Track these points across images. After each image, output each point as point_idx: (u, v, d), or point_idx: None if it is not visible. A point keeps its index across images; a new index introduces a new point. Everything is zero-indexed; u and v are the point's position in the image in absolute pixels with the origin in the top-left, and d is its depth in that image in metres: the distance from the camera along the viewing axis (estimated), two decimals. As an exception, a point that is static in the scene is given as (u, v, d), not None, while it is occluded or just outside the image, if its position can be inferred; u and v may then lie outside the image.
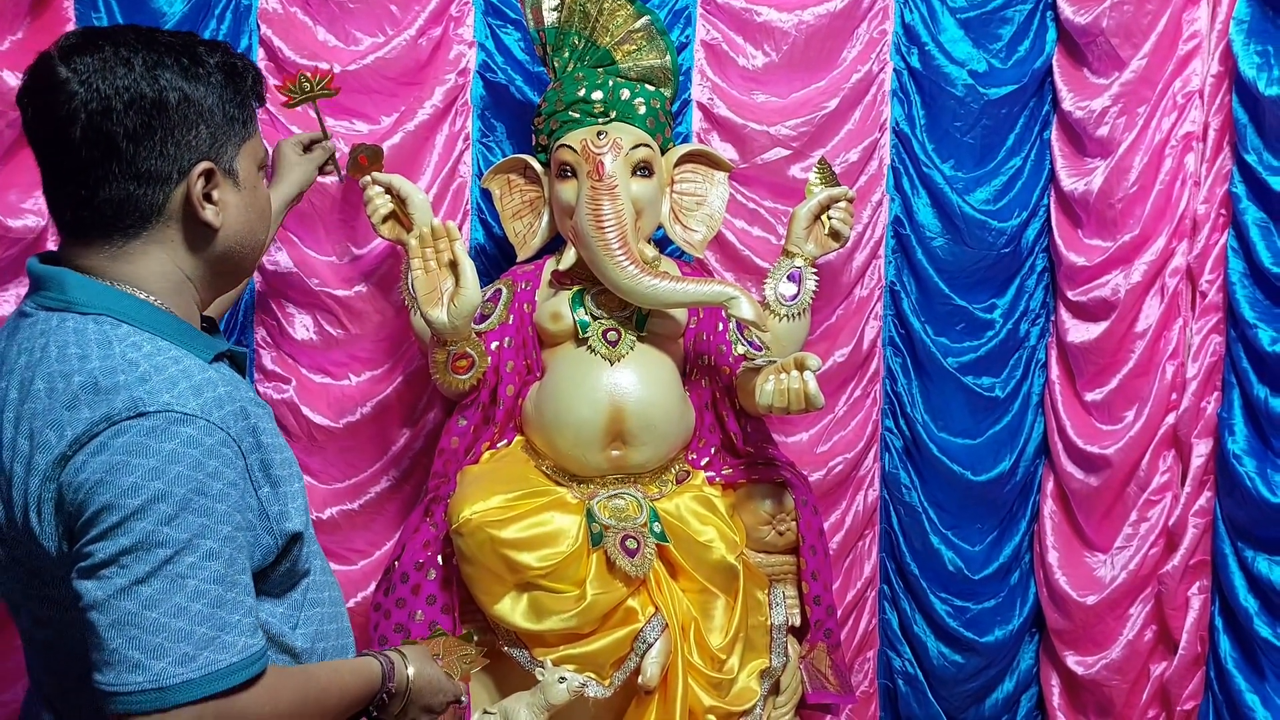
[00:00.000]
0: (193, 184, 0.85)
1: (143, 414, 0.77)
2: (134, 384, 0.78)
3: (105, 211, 0.83)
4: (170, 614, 0.75)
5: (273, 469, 0.87)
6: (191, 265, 0.88)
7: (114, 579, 0.75)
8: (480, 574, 1.48)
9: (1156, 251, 1.91)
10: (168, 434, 0.77)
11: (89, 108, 0.80)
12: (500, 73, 1.84)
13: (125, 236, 0.85)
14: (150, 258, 0.86)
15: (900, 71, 1.96)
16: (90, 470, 0.76)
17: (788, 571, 1.64)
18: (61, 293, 0.83)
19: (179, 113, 0.83)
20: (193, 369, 0.82)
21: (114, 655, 0.74)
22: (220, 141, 0.87)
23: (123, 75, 0.81)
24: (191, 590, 0.76)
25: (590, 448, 1.56)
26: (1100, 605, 1.96)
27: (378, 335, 1.86)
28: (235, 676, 0.77)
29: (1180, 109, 1.89)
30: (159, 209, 0.85)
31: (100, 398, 0.78)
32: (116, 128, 0.81)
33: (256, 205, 0.92)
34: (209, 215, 0.86)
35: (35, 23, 1.65)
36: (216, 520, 0.78)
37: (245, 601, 0.80)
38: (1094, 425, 1.97)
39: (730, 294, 1.52)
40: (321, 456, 1.85)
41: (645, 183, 1.59)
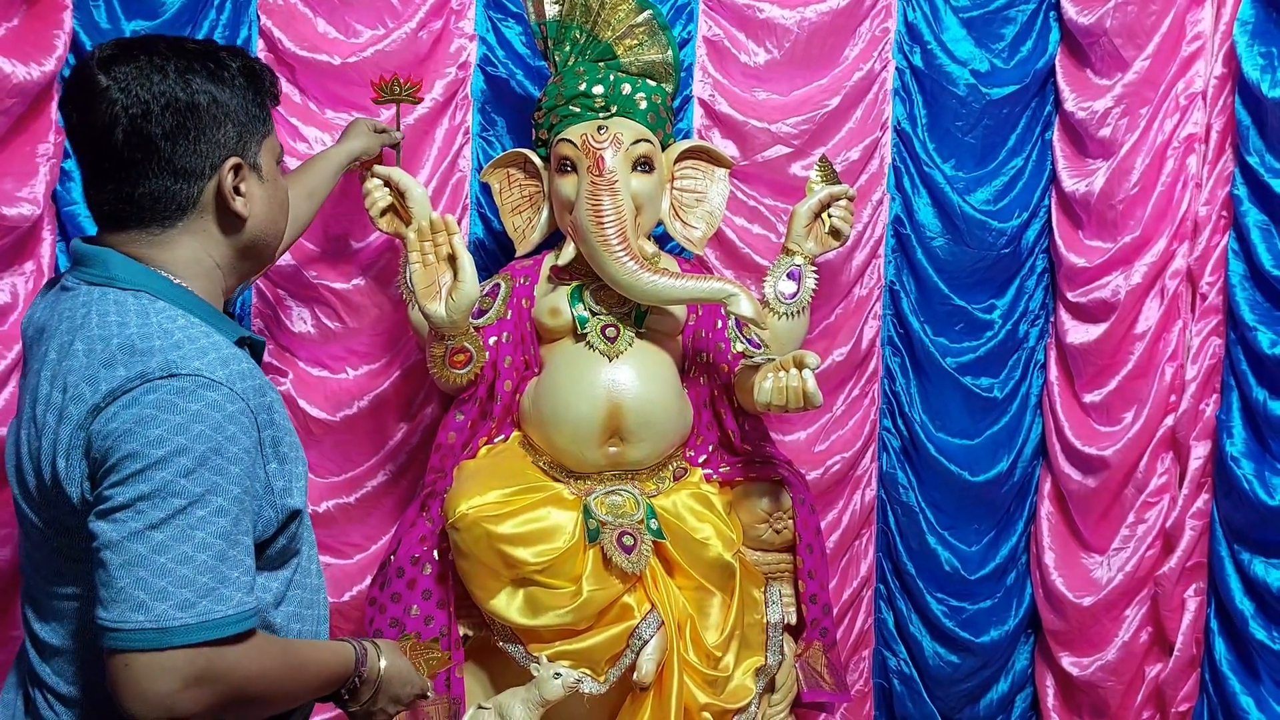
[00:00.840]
0: (224, 177, 0.93)
1: (174, 375, 0.83)
2: (169, 349, 0.85)
3: (144, 204, 0.91)
4: (177, 560, 0.79)
5: (281, 446, 0.92)
6: (221, 253, 0.96)
7: (129, 522, 0.80)
8: (476, 569, 1.47)
9: (1157, 253, 1.90)
10: (195, 396, 0.83)
11: (130, 112, 0.88)
12: (501, 66, 1.83)
13: (162, 226, 0.92)
14: (184, 246, 0.93)
15: (902, 70, 1.96)
16: (120, 421, 0.82)
17: (784, 570, 1.64)
18: (105, 270, 0.90)
19: (209, 113, 0.91)
20: (221, 344, 0.89)
21: (120, 593, 0.79)
22: (245, 139, 0.95)
23: (159, 81, 0.89)
24: (199, 541, 0.80)
25: (588, 444, 1.56)
26: (1096, 606, 1.96)
27: (375, 329, 1.85)
28: (230, 628, 0.82)
29: (1183, 110, 1.89)
30: (194, 201, 0.92)
31: (136, 358, 0.84)
32: (155, 129, 0.89)
33: (277, 196, 1.00)
34: (238, 206, 0.94)
35: (31, 10, 1.64)
36: (229, 481, 0.83)
37: (245, 561, 0.84)
38: (1092, 426, 1.97)
39: (730, 291, 1.51)
40: (318, 450, 1.85)
41: (645, 178, 1.59)
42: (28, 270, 1.67)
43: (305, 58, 1.77)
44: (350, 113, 1.82)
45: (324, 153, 1.58)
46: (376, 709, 1.02)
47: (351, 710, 1.01)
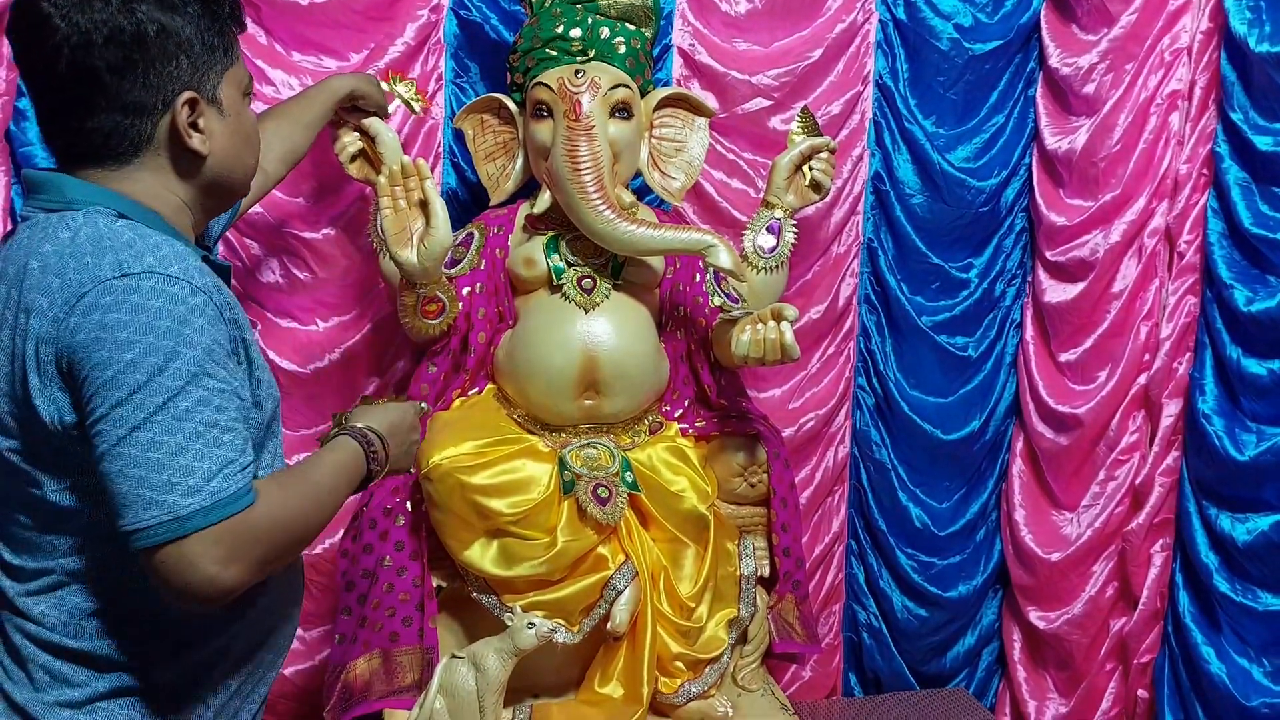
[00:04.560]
0: (178, 113, 0.88)
1: (128, 274, 0.81)
2: (120, 249, 0.82)
3: (95, 140, 0.87)
4: (173, 452, 0.79)
5: (251, 351, 0.91)
6: (184, 190, 0.92)
7: (114, 429, 0.79)
8: (450, 520, 1.46)
9: (1136, 211, 1.90)
10: (154, 292, 0.81)
11: (70, 42, 0.84)
12: (475, 9, 1.78)
13: (117, 162, 0.89)
14: (142, 181, 0.90)
15: (885, 23, 1.92)
16: (84, 330, 0.80)
17: (758, 523, 1.64)
18: (60, 194, 0.88)
19: (158, 44, 0.86)
20: (176, 244, 0.86)
21: (128, 497, 0.79)
22: (202, 70, 0.90)
23: (100, 9, 0.84)
24: (190, 431, 0.80)
25: (563, 396, 1.54)
26: (1065, 562, 1.99)
27: (345, 280, 1.81)
28: (244, 499, 0.82)
29: (1168, 66, 1.87)
30: (148, 138, 0.88)
31: (87, 261, 0.82)
32: (98, 62, 0.84)
33: (242, 130, 0.95)
34: (196, 143, 0.90)
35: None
36: (204, 371, 0.82)
37: (241, 444, 0.84)
38: (1067, 385, 1.99)
39: (709, 242, 1.49)
40: (288, 403, 1.81)
41: (624, 125, 1.55)
42: (-18, 212, 1.61)
43: (274, -5, 1.70)
44: (318, 55, 1.76)
45: (324, 82, 1.50)
46: (403, 453, 1.06)
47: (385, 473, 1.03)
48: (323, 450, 0.98)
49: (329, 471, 0.94)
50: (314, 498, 0.91)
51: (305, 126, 1.43)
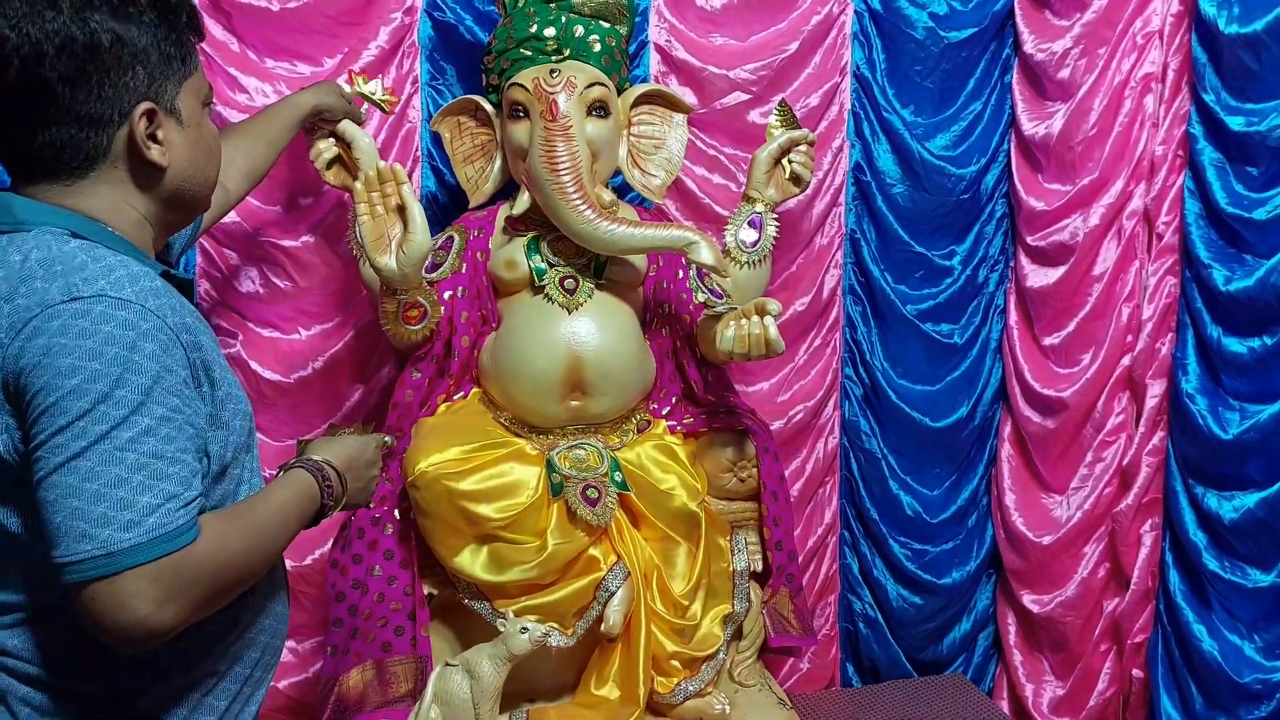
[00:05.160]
0: (135, 125, 0.86)
1: (77, 298, 0.78)
2: (70, 272, 0.80)
3: (48, 154, 0.85)
4: (111, 484, 0.76)
5: (213, 371, 0.88)
6: (143, 204, 0.90)
7: (53, 457, 0.77)
8: (438, 527, 1.45)
9: (1115, 194, 1.91)
10: (103, 317, 0.78)
11: (20, 53, 0.81)
12: (449, 11, 1.76)
13: (72, 177, 0.86)
14: (100, 196, 0.87)
15: (861, 14, 1.92)
16: (29, 355, 0.78)
17: (749, 518, 1.64)
18: (9, 215, 0.85)
19: (113, 55, 0.84)
20: (133, 266, 0.83)
21: (61, 528, 0.76)
22: (159, 81, 0.87)
23: (51, 19, 0.82)
24: (131, 462, 0.77)
25: (549, 398, 1.53)
26: (1056, 545, 2.00)
27: (326, 288, 1.79)
28: (184, 536, 0.79)
29: (1140, 50, 1.88)
30: (104, 151, 0.86)
31: (36, 285, 0.79)
32: (50, 73, 0.82)
33: (203, 142, 0.93)
34: (155, 155, 0.88)
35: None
36: (153, 400, 0.79)
37: (188, 477, 0.81)
38: (1051, 369, 2.00)
39: (690, 239, 1.48)
40: (272, 413, 1.80)
41: (601, 123, 1.54)
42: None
43: (242, 4, 1.68)
44: (291, 61, 1.74)
45: (287, 99, 1.48)
46: (360, 489, 1.05)
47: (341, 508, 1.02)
48: (274, 485, 0.95)
49: (278, 508, 0.92)
50: (261, 535, 0.88)
51: (268, 144, 1.41)
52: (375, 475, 1.09)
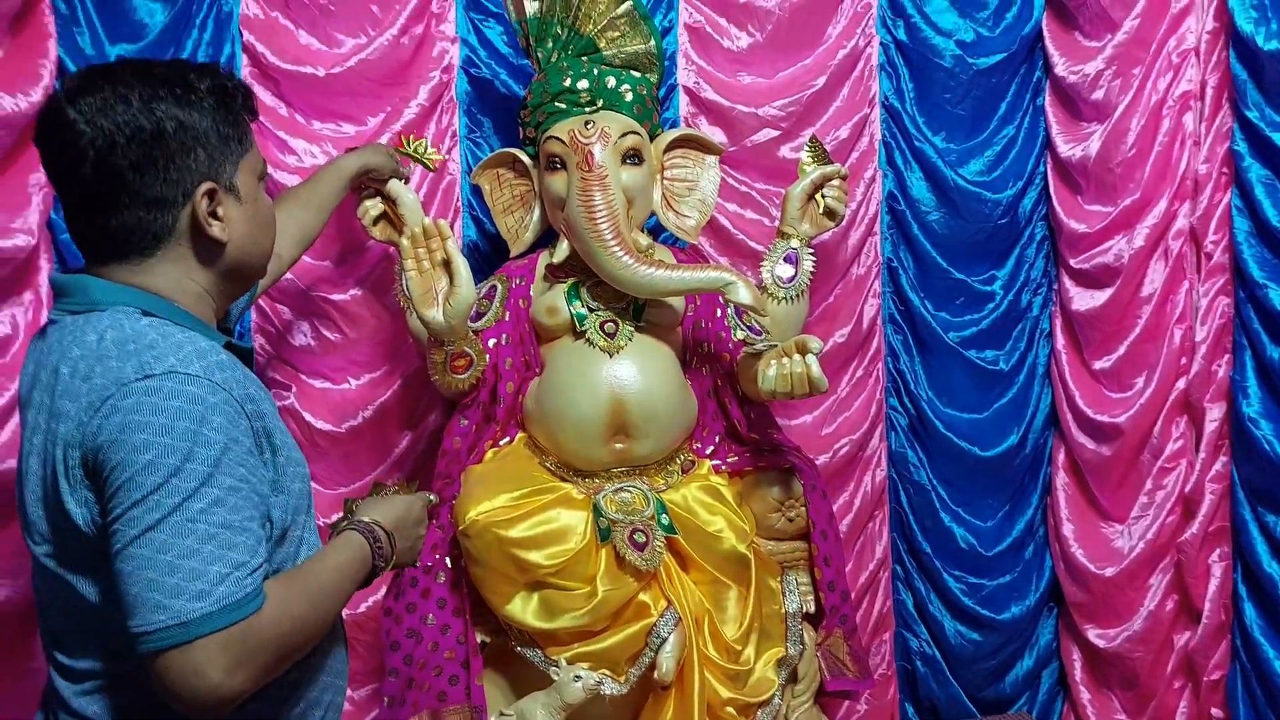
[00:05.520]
0: (197, 204, 0.91)
1: (150, 375, 0.83)
2: (142, 350, 0.85)
3: (120, 236, 0.90)
4: (183, 555, 0.80)
5: (274, 439, 0.93)
6: (204, 278, 0.95)
7: (129, 530, 0.81)
8: (489, 575, 1.46)
9: (1158, 214, 1.88)
10: (174, 393, 0.83)
11: (95, 145, 0.87)
12: (484, 67, 1.82)
13: (141, 256, 0.92)
14: (165, 274, 0.93)
15: (887, 45, 1.94)
16: (106, 432, 0.83)
17: (799, 558, 1.62)
18: (86, 296, 0.91)
19: (177, 140, 0.90)
20: (200, 341, 0.89)
21: (138, 600, 0.80)
22: (219, 161, 0.93)
23: (122, 111, 0.88)
24: (201, 533, 0.81)
25: (593, 442, 1.55)
26: (1119, 576, 1.94)
27: (375, 338, 1.84)
28: (251, 604, 0.83)
29: (1176, 68, 1.86)
30: (169, 230, 0.91)
31: (111, 365, 0.85)
32: (121, 161, 0.88)
33: (259, 215, 0.99)
34: (215, 231, 0.93)
35: (16, 40, 1.63)
36: (221, 471, 0.83)
37: (254, 545, 0.85)
38: (1103, 394, 1.95)
39: (727, 279, 1.50)
40: (325, 463, 1.84)
41: (635, 170, 1.57)
42: (26, 300, 1.66)
43: (289, 71, 1.76)
44: (337, 123, 1.81)
45: (334, 163, 1.54)
46: (408, 548, 1.08)
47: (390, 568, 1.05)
48: (329, 548, 0.98)
49: (334, 571, 0.95)
50: (320, 599, 0.92)
51: (317, 209, 1.47)
52: (422, 534, 1.12)
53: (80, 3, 1.70)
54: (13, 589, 1.58)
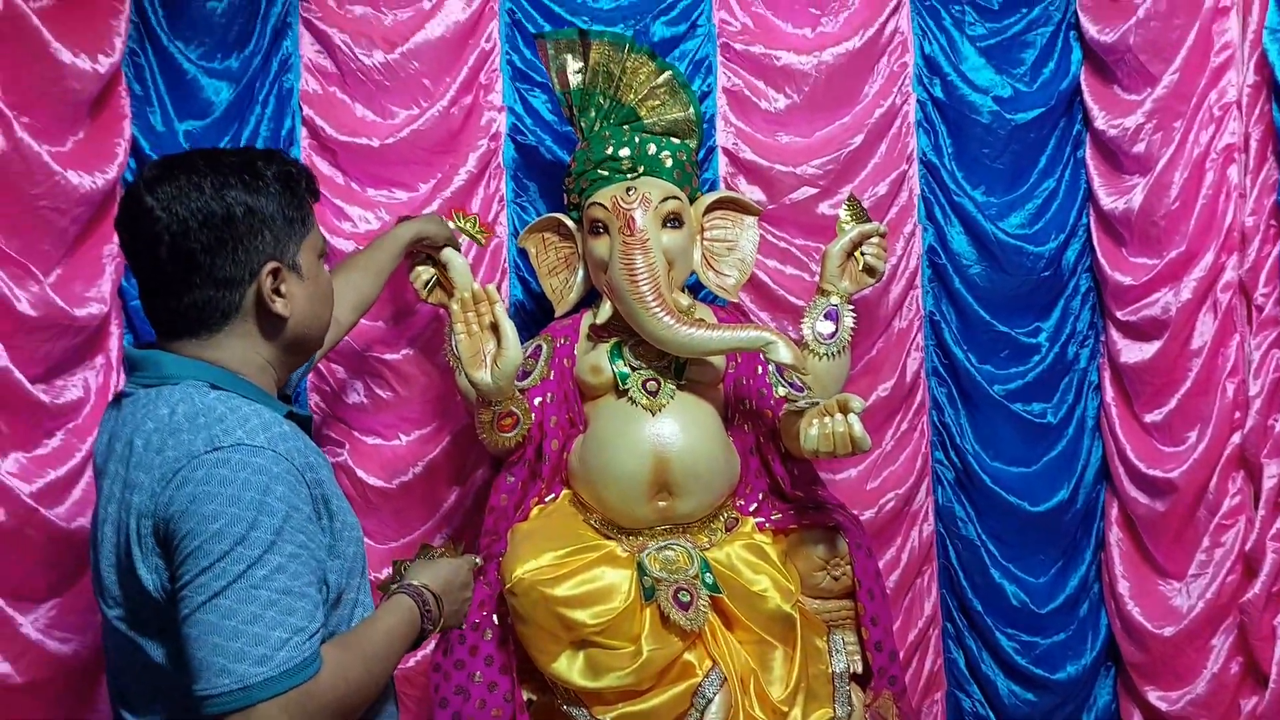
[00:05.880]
0: (263, 283, 0.97)
1: (219, 448, 0.89)
2: (212, 424, 0.90)
3: (191, 314, 0.97)
4: (247, 621, 0.85)
5: (331, 504, 0.96)
6: (268, 350, 1.01)
7: (196, 596, 0.86)
8: (536, 633, 1.48)
9: (1205, 267, 1.86)
10: (241, 464, 0.88)
11: (171, 230, 0.94)
12: (530, 134, 1.89)
13: (209, 332, 0.98)
14: (231, 348, 0.99)
15: (924, 102, 1.97)
16: (177, 502, 0.88)
17: (846, 617, 1.61)
18: (158, 370, 0.97)
19: (245, 223, 0.96)
20: (263, 411, 0.94)
21: (203, 664, 0.84)
22: (283, 241, 0.99)
23: (196, 199, 0.94)
24: (264, 599, 0.86)
25: (637, 500, 1.57)
26: (1179, 636, 1.88)
27: (425, 396, 1.90)
28: (309, 669, 0.87)
29: (1218, 121, 1.86)
30: (236, 307, 0.97)
31: (183, 438, 0.90)
32: (194, 244, 0.94)
33: (320, 291, 1.05)
34: (279, 308, 0.99)
35: (95, 122, 1.74)
36: (283, 539, 0.88)
37: (312, 610, 0.89)
38: (1155, 447, 1.91)
39: (767, 339, 1.52)
40: (376, 517, 1.89)
41: (676, 233, 1.61)
42: (98, 364, 1.74)
43: (346, 142, 1.85)
44: (390, 189, 1.89)
45: (390, 231, 1.60)
46: (454, 611, 1.12)
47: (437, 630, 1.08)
48: (381, 612, 1.02)
49: (385, 635, 0.99)
50: (373, 662, 0.96)
51: (374, 275, 1.54)
52: (468, 598, 1.16)
53: (153, 83, 1.81)
54: (79, 644, 1.63)
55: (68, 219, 1.65)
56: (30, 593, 1.59)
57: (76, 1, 1.68)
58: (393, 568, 1.22)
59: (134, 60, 1.79)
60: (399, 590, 1.07)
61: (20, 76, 1.58)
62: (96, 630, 1.65)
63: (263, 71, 1.83)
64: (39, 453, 1.63)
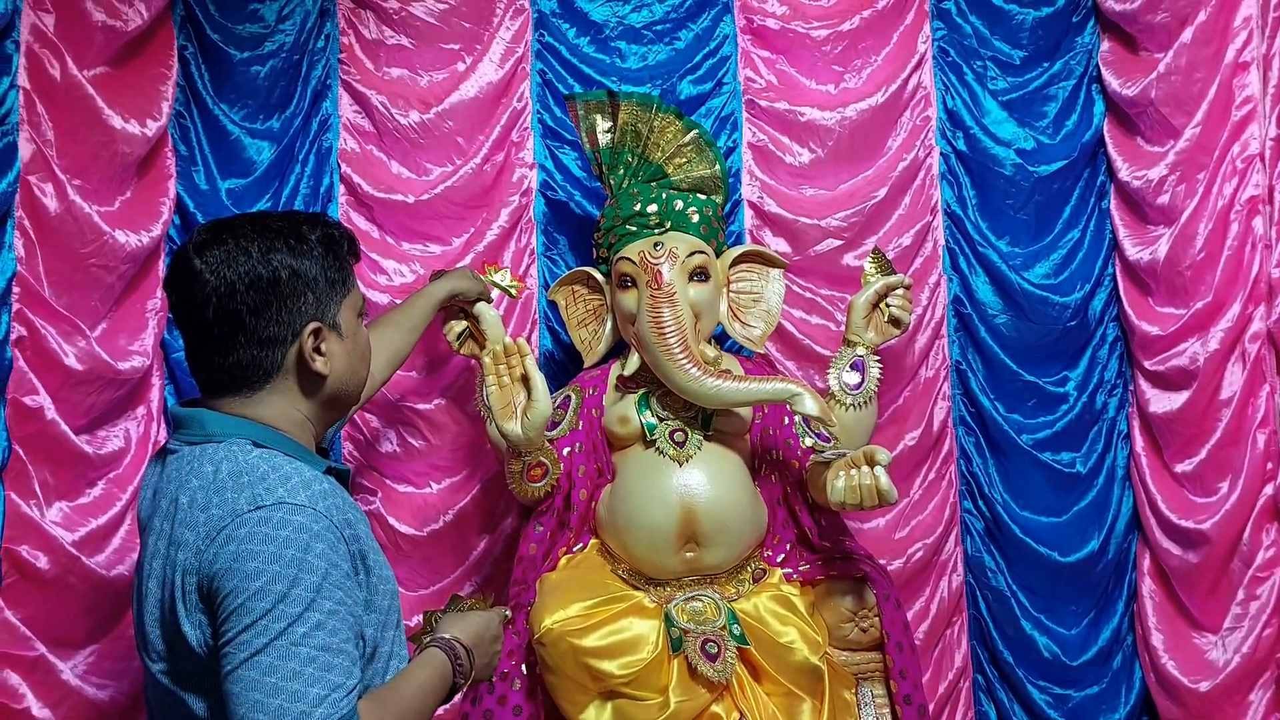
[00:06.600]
0: (304, 342, 1.01)
1: (261, 507, 0.91)
2: (255, 483, 0.93)
3: (235, 373, 1.00)
4: (287, 677, 0.87)
5: (368, 559, 0.98)
6: (307, 407, 1.04)
7: (239, 652, 0.88)
8: (564, 683, 1.49)
9: (1233, 318, 1.86)
10: (283, 523, 0.90)
11: (219, 293, 0.97)
12: (560, 190, 1.94)
13: (252, 389, 1.01)
14: (272, 405, 1.01)
15: (947, 155, 2.00)
16: (221, 560, 0.90)
17: (874, 669, 1.60)
18: (202, 428, 1.00)
19: (289, 285, 0.99)
20: (304, 470, 0.96)
21: (244, 719, 0.86)
22: (324, 302, 1.02)
23: (243, 262, 0.98)
24: (304, 656, 0.87)
25: (664, 550, 1.58)
26: (1215, 691, 1.84)
27: (456, 444, 1.93)
28: None
29: (1241, 174, 1.87)
30: (278, 365, 1.01)
31: (227, 496, 0.92)
32: (240, 306, 0.97)
33: (358, 349, 1.08)
34: (319, 366, 1.02)
35: (141, 181, 1.82)
36: (322, 596, 0.90)
37: (349, 666, 0.91)
38: (1187, 498, 1.90)
39: (793, 391, 1.54)
40: (407, 565, 1.91)
41: (702, 287, 1.65)
42: (139, 415, 1.79)
43: (382, 198, 1.91)
44: (424, 243, 1.95)
45: (425, 289, 1.64)
46: (485, 664, 1.13)
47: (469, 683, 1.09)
48: (414, 666, 1.04)
49: (419, 691, 1.00)
50: (407, 717, 0.97)
51: (409, 331, 1.58)
52: (498, 651, 1.17)
53: (198, 144, 1.89)
54: (116, 690, 1.66)
55: (114, 276, 1.71)
56: (70, 639, 1.63)
57: (129, 69, 1.77)
58: (423, 618, 1.24)
59: (180, 122, 1.87)
60: (431, 643, 1.08)
61: (74, 142, 1.66)
62: (132, 677, 1.68)
63: (303, 132, 1.90)
64: (81, 502, 1.68)
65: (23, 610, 1.55)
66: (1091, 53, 1.98)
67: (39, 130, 1.60)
